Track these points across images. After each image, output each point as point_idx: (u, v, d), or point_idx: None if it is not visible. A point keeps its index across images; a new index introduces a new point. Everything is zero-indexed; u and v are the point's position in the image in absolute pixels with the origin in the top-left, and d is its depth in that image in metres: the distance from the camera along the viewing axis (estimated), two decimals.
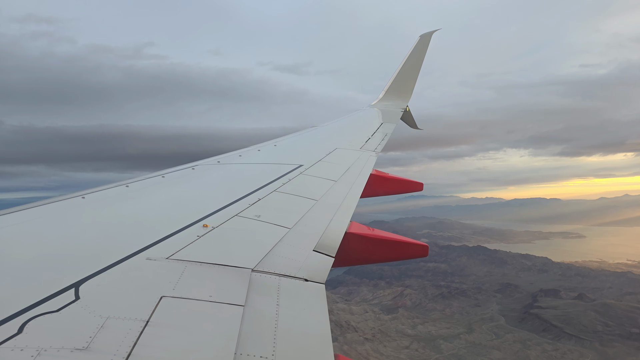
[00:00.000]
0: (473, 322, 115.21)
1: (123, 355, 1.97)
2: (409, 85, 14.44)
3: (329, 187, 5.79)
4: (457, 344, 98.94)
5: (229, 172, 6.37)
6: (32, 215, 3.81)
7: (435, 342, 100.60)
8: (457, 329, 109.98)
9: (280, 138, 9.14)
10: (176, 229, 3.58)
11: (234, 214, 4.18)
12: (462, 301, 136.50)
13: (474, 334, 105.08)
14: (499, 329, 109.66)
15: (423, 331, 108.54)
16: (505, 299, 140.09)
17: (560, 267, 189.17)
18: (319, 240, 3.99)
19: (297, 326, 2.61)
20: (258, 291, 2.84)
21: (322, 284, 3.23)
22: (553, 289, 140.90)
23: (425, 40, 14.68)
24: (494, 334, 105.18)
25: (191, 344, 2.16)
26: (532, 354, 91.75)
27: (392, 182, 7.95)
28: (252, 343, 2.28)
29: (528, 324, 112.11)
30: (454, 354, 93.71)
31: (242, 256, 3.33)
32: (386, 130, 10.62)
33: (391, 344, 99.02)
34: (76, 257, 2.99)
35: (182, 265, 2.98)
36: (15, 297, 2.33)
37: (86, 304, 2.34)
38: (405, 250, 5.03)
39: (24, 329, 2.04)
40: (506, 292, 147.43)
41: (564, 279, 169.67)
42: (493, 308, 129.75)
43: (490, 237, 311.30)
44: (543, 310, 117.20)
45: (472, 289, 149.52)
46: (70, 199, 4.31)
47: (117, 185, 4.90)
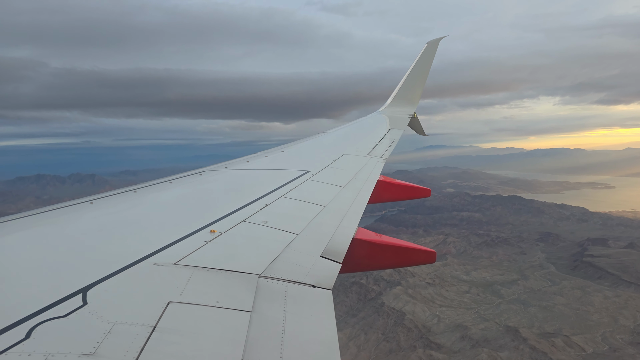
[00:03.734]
0: (524, 269, 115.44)
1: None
2: (417, 92, 14.63)
3: (337, 193, 5.78)
4: (515, 290, 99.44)
5: (236, 177, 6.40)
6: (40, 220, 3.85)
7: (493, 288, 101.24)
8: (511, 275, 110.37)
9: (288, 144, 9.24)
10: (183, 235, 3.60)
11: (241, 219, 4.21)
12: (507, 249, 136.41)
13: (530, 280, 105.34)
14: (552, 276, 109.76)
15: (477, 277, 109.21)
16: (549, 247, 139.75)
17: (600, 217, 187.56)
18: (326, 246, 3.97)
19: (304, 332, 2.61)
20: (265, 297, 2.86)
21: (329, 290, 3.20)
22: (600, 238, 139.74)
23: (432, 47, 14.70)
24: (549, 281, 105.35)
25: (198, 350, 2.16)
26: (595, 300, 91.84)
27: (400, 188, 7.93)
28: (259, 349, 2.28)
29: (581, 272, 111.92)
30: (516, 299, 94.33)
31: (249, 262, 3.32)
32: (393, 137, 10.63)
33: (452, 288, 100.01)
34: (84, 263, 3.00)
35: (190, 271, 2.98)
36: (23, 302, 2.33)
37: (94, 309, 2.34)
38: (412, 256, 5.01)
39: (31, 334, 2.05)
40: (548, 240, 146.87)
41: (605, 228, 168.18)
42: (539, 256, 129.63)
43: (517, 188, 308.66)
44: (596, 259, 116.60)
45: (513, 238, 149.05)
46: (79, 204, 4.36)
47: (125, 191, 4.95)
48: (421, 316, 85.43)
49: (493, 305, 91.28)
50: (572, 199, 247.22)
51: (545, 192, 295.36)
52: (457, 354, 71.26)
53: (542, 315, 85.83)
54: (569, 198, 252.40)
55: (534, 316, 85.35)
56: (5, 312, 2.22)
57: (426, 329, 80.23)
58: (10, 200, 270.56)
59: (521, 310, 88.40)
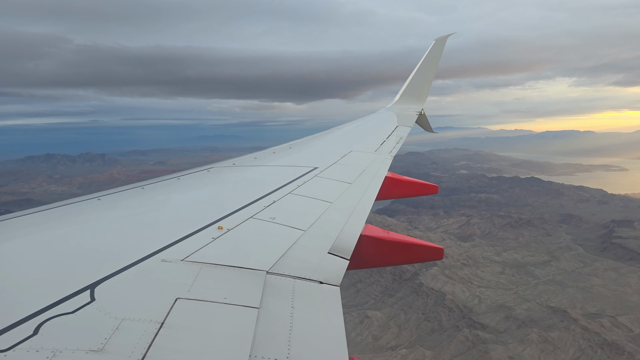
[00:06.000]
0: (553, 251, 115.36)
1: (138, 357, 1.99)
2: (424, 89, 14.67)
3: (344, 190, 5.77)
4: (549, 271, 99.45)
5: (244, 174, 6.41)
6: (49, 217, 3.89)
7: (527, 269, 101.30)
8: (541, 256, 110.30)
9: (296, 141, 9.27)
10: (191, 231, 3.61)
11: (249, 216, 4.23)
12: (531, 231, 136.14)
13: (562, 261, 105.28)
14: (582, 257, 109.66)
15: (509, 258, 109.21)
16: (572, 229, 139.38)
17: (620, 199, 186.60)
18: (333, 242, 3.98)
19: (312, 329, 2.62)
20: (273, 293, 2.87)
21: (337, 287, 3.22)
22: (625, 220, 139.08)
23: (440, 44, 14.74)
24: (581, 262, 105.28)
25: (206, 346, 2.18)
26: (632, 281, 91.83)
27: (407, 185, 7.89)
28: (267, 345, 2.29)
29: (611, 253, 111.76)
30: (551, 280, 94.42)
31: (257, 258, 3.34)
32: (401, 133, 10.64)
33: (486, 269, 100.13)
34: (92, 259, 3.03)
35: (197, 267, 3.01)
36: (32, 298, 2.36)
37: (101, 305, 2.36)
38: (420, 253, 4.97)
39: (39, 330, 2.07)
40: (571, 222, 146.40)
41: (627, 210, 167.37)
42: (565, 238, 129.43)
43: (530, 169, 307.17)
44: (625, 240, 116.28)
45: (536, 219, 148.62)
46: (87, 201, 4.40)
47: (132, 187, 4.99)
48: (461, 296, 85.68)
49: (530, 286, 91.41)
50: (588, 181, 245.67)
51: (559, 175, 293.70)
52: (504, 334, 71.58)
53: (582, 296, 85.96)
54: (584, 180, 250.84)
55: (573, 297, 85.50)
56: (14, 309, 2.23)
57: (468, 309, 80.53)
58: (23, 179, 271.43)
59: (559, 291, 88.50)
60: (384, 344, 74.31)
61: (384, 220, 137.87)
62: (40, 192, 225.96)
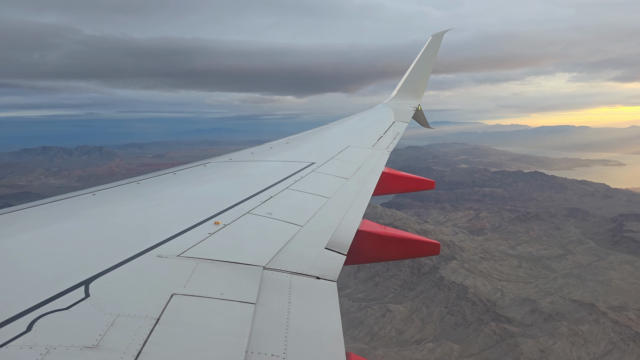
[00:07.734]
0: (565, 244, 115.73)
1: (133, 354, 1.96)
2: (421, 85, 14.70)
3: (341, 185, 5.78)
4: (565, 264, 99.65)
5: (240, 169, 6.38)
6: (42, 212, 3.84)
7: (543, 262, 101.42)
8: (555, 250, 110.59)
9: (293, 136, 9.25)
10: (187, 227, 3.60)
11: (246, 211, 4.22)
12: (541, 224, 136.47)
13: (576, 255, 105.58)
14: (595, 251, 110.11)
15: (524, 252, 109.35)
16: (580, 223, 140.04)
17: (624, 194, 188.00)
18: (330, 238, 3.99)
19: (309, 324, 2.62)
20: (269, 289, 2.88)
21: (334, 282, 3.23)
22: (633, 214, 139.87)
23: (437, 39, 14.71)
24: (595, 256, 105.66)
25: (202, 342, 2.17)
26: None
27: (404, 180, 7.90)
28: (264, 341, 2.29)
29: (623, 247, 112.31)
30: (569, 273, 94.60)
31: (253, 254, 3.34)
32: (398, 129, 10.69)
33: (504, 262, 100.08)
34: (86, 255, 3.01)
35: (194, 263, 3.00)
36: (25, 294, 2.33)
37: (96, 301, 2.34)
38: (417, 248, 5.01)
39: (33, 326, 2.04)
40: (578, 216, 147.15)
41: (632, 204, 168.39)
42: (574, 231, 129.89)
43: (529, 164, 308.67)
44: (636, 234, 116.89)
45: (543, 213, 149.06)
46: (81, 196, 4.35)
47: (128, 182, 4.96)
48: (483, 290, 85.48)
49: (550, 280, 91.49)
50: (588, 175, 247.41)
51: (558, 169, 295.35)
52: (532, 327, 71.51)
53: (602, 289, 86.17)
54: (584, 174, 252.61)
55: (594, 290, 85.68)
56: (7, 305, 2.20)
57: (491, 303, 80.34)
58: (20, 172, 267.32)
59: (579, 284, 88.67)
60: (408, 337, 73.91)
61: (393, 214, 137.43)
62: (39, 185, 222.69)
